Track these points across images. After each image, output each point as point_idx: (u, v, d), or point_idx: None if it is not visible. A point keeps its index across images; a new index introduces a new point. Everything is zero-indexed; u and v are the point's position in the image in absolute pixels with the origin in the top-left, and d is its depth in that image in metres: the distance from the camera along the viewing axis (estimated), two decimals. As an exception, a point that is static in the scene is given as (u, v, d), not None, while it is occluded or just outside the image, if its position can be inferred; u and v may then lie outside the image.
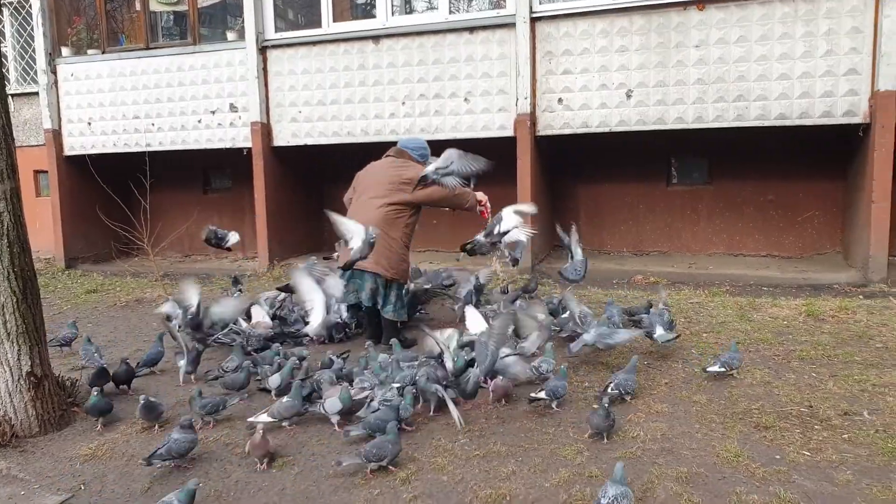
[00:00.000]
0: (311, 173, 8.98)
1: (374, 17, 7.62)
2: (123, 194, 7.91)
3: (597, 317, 4.48)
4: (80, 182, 8.92)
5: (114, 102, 8.70)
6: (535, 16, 6.91)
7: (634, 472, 2.86)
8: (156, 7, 8.63)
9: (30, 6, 9.05)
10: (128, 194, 8.05)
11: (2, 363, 3.54)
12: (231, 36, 8.25)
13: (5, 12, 9.67)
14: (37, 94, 9.18)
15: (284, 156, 8.31)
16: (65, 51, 8.87)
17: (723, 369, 3.87)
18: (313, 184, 9.09)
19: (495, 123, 7.18)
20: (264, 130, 8.04)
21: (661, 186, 8.05)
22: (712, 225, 7.85)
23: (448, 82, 7.32)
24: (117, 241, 8.87)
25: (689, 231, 7.95)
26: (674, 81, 6.60)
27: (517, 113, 7.05)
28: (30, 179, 9.72)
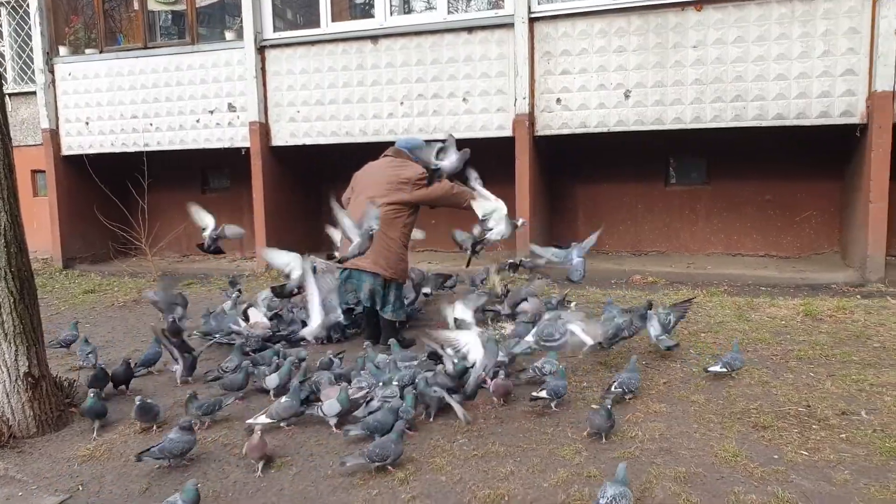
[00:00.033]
0: (309, 173, 8.98)
1: (373, 16, 7.62)
2: (121, 194, 7.93)
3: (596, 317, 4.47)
4: (77, 182, 8.90)
5: (111, 102, 8.68)
6: (533, 16, 6.92)
7: (633, 472, 2.86)
8: (154, 6, 8.62)
9: (27, 5, 9.03)
10: (126, 194, 8.07)
11: (-1, 364, 3.54)
12: (229, 35, 8.25)
13: (3, 11, 9.65)
14: (34, 93, 9.17)
15: (283, 156, 8.30)
16: (62, 50, 8.85)
17: (724, 370, 3.87)
18: (312, 184, 9.08)
19: (494, 123, 7.18)
20: (262, 130, 8.03)
21: (659, 186, 8.06)
22: (710, 225, 7.87)
23: (446, 82, 7.32)
24: (115, 241, 8.86)
25: (687, 231, 7.97)
26: (672, 82, 6.61)
27: (515, 113, 7.05)
28: (27, 179, 9.71)
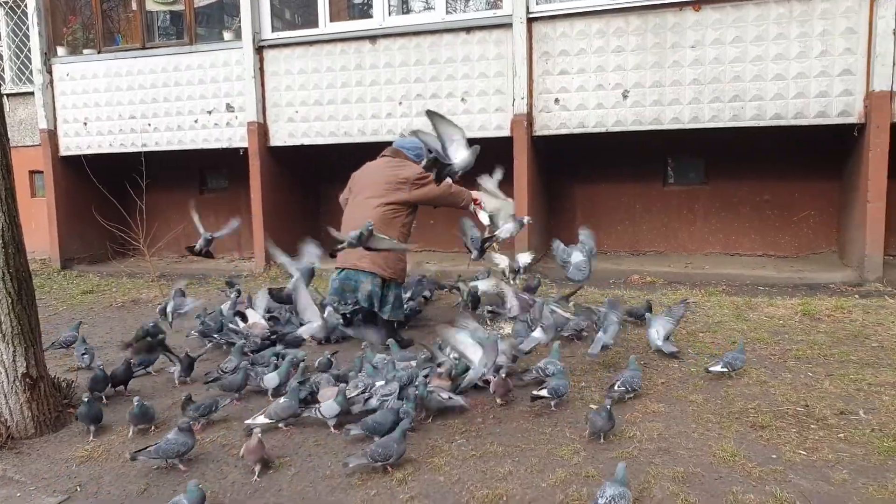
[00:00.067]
0: (307, 173, 8.97)
1: (371, 17, 7.61)
2: (119, 195, 7.91)
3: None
4: (75, 182, 8.89)
5: (110, 102, 8.67)
6: (531, 16, 6.92)
7: (631, 472, 2.85)
8: (152, 7, 8.61)
9: (25, 5, 9.03)
10: (124, 195, 8.04)
11: (-3, 364, 3.53)
12: (228, 36, 8.24)
13: (0, 12, 9.64)
14: (32, 93, 9.14)
15: (281, 156, 8.30)
16: (60, 50, 8.84)
17: (725, 369, 3.87)
18: (310, 184, 9.08)
19: (492, 123, 7.18)
20: (261, 130, 8.03)
21: (657, 186, 8.06)
22: (708, 225, 7.87)
23: (445, 82, 7.32)
24: (113, 242, 8.84)
25: (685, 231, 7.97)
26: (670, 82, 6.61)
27: (514, 113, 7.05)
28: (25, 180, 9.68)
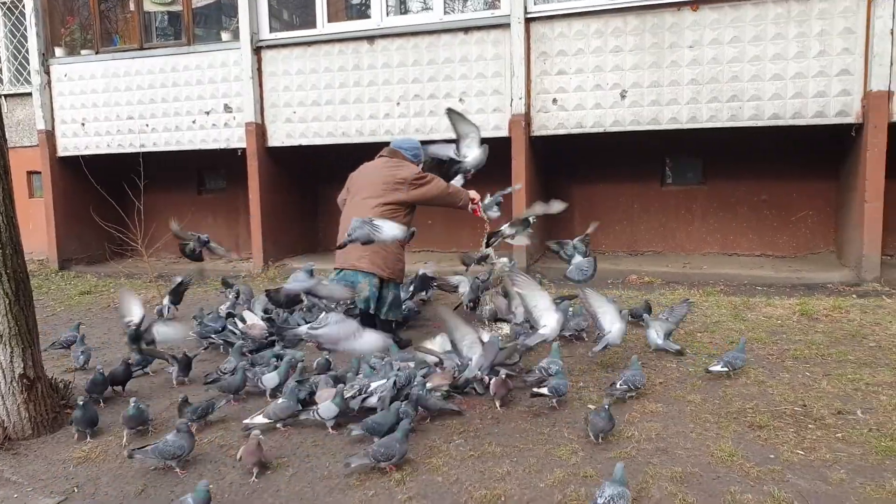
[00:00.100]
0: (305, 174, 8.97)
1: (369, 17, 7.61)
2: (117, 195, 7.88)
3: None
4: (73, 183, 8.88)
5: (107, 103, 8.66)
6: (529, 16, 6.92)
7: (629, 471, 2.85)
8: (150, 7, 8.61)
9: (23, 6, 9.01)
10: (122, 195, 8.02)
11: (-6, 365, 3.52)
12: (226, 36, 8.23)
13: (-2, 12, 9.63)
14: (30, 94, 9.14)
15: (279, 156, 8.29)
16: (58, 51, 8.83)
17: (725, 369, 3.87)
18: (308, 184, 9.07)
19: (490, 124, 7.18)
20: (259, 131, 8.02)
21: (655, 186, 8.07)
22: (706, 225, 7.87)
23: (443, 83, 7.32)
24: (111, 243, 8.82)
25: (683, 231, 7.98)
26: (668, 82, 6.62)
27: (512, 113, 7.06)
28: (23, 180, 9.66)
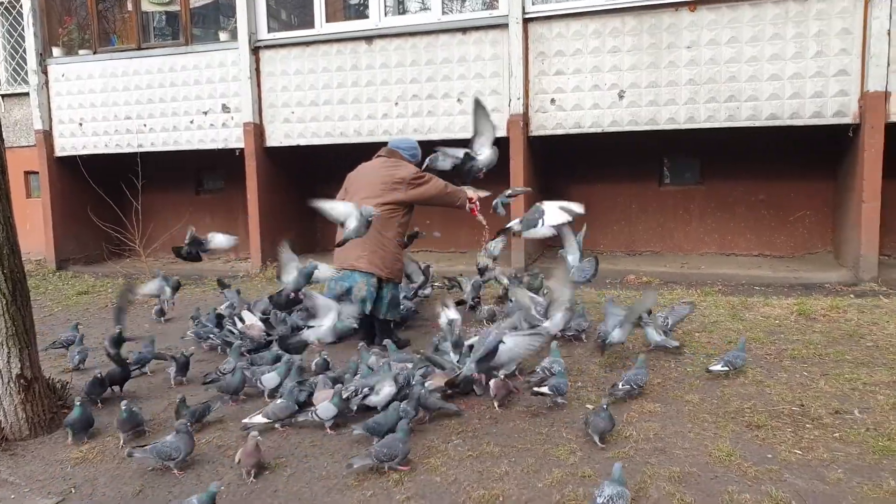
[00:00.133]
0: (303, 174, 8.96)
1: (367, 17, 7.61)
2: (115, 195, 7.89)
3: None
4: (71, 183, 8.86)
5: (105, 103, 8.65)
6: (527, 16, 6.92)
7: (627, 471, 2.85)
8: (148, 7, 8.60)
9: (20, 6, 8.99)
10: (119, 195, 8.04)
11: (-8, 366, 3.52)
12: (223, 36, 8.22)
13: (-5, 12, 9.61)
14: (27, 94, 9.12)
15: (277, 156, 8.28)
16: (56, 51, 8.82)
17: (725, 368, 3.87)
18: (306, 184, 9.05)
19: (488, 124, 7.17)
20: (257, 131, 8.02)
21: (653, 186, 8.08)
22: (704, 225, 7.89)
23: (441, 83, 7.32)
24: (109, 243, 8.83)
25: (681, 231, 7.99)
26: (666, 82, 6.62)
27: (510, 113, 7.06)
28: (20, 180, 9.65)
